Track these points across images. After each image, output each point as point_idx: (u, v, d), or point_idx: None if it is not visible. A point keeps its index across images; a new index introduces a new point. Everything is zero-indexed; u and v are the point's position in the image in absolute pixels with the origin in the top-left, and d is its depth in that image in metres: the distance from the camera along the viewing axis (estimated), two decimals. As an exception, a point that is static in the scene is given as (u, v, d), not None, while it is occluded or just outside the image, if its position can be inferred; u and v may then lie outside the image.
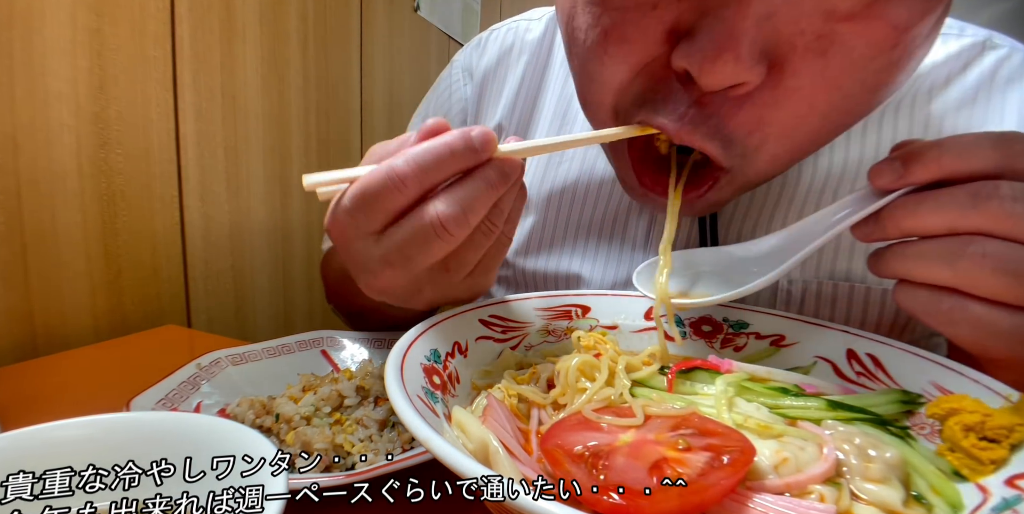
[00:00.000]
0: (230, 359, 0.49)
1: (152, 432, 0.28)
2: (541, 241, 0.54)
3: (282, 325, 1.06)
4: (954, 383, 0.31)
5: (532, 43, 0.59)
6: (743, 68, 0.28)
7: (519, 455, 0.27)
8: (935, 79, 0.45)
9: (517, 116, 0.58)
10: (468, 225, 0.32)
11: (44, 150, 0.65)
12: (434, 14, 1.48)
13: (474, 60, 0.62)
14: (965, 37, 0.47)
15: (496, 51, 0.61)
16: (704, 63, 0.29)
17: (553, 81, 0.57)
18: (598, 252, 0.52)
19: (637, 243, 0.51)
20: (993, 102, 0.44)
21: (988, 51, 0.45)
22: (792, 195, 0.46)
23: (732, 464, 0.24)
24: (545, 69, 0.58)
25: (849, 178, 0.45)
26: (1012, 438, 0.26)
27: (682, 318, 0.43)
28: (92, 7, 0.68)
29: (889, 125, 0.45)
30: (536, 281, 0.55)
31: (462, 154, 0.31)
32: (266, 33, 0.95)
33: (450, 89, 0.64)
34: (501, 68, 0.60)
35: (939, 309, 0.29)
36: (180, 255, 0.83)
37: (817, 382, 0.34)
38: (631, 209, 0.51)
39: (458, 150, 0.31)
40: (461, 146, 0.31)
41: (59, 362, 0.61)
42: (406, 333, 0.33)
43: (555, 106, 0.56)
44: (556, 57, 0.58)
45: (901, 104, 0.46)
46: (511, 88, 0.59)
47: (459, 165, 0.31)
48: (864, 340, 0.37)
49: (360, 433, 0.41)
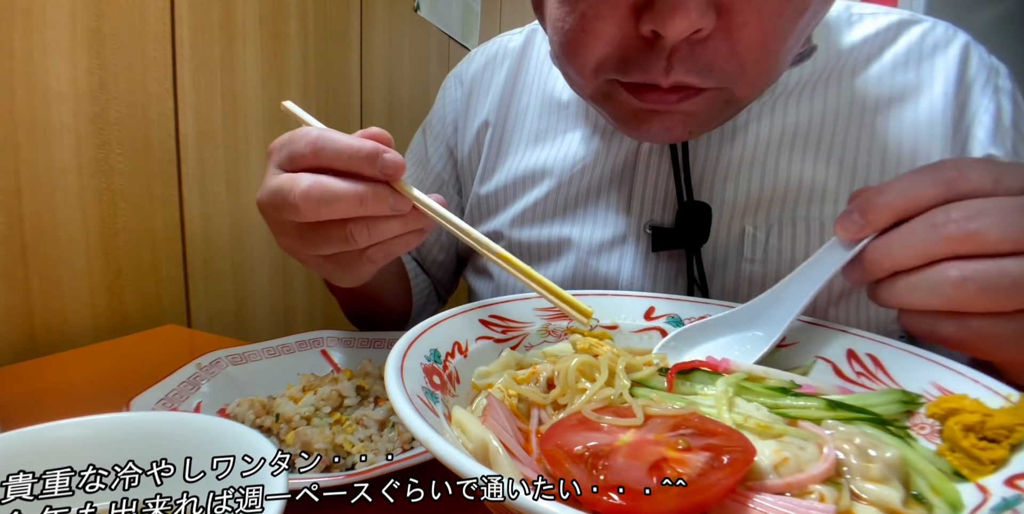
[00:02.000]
0: (230, 359, 0.49)
1: (152, 432, 0.28)
2: (534, 216, 0.60)
3: (282, 325, 1.06)
4: (954, 383, 0.31)
5: (514, 50, 0.67)
6: (696, 17, 0.35)
7: (519, 455, 0.27)
8: (871, 49, 0.53)
9: (503, 113, 0.65)
10: (318, 212, 0.37)
11: (44, 150, 0.65)
12: (434, 14, 1.48)
13: (464, 70, 0.71)
14: (892, 14, 0.55)
15: (483, 59, 0.69)
16: (666, 20, 0.35)
17: (531, 81, 0.65)
18: (585, 218, 0.58)
19: (620, 208, 0.57)
20: (923, 67, 0.52)
21: (914, 25, 0.54)
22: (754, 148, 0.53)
23: (732, 464, 0.24)
24: (525, 72, 0.66)
25: (802, 132, 0.52)
26: (1012, 438, 0.26)
27: (682, 318, 0.43)
28: (92, 7, 0.68)
29: (833, 89, 0.53)
30: (530, 249, 0.60)
31: (360, 158, 0.37)
32: (266, 33, 0.95)
33: (444, 97, 0.72)
34: (487, 71, 0.68)
35: (944, 332, 0.31)
36: (180, 255, 0.83)
37: (815, 382, 0.34)
38: (611, 179, 0.57)
39: (359, 153, 0.37)
40: (364, 152, 0.37)
41: (59, 362, 0.61)
42: (406, 333, 0.33)
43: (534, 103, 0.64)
44: (534, 62, 0.66)
45: (843, 71, 0.53)
46: (496, 89, 0.66)
47: (352, 164, 0.37)
48: (864, 340, 0.37)
49: (360, 433, 0.41)
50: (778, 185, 0.51)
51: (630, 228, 0.55)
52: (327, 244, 0.39)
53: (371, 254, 0.40)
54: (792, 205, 0.51)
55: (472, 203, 0.66)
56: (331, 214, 0.37)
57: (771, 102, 0.53)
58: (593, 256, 0.56)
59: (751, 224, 0.52)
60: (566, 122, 0.61)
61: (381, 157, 0.37)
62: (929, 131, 0.51)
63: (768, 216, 0.52)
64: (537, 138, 0.62)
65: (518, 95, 0.65)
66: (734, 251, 0.52)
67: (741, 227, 0.52)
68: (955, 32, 0.54)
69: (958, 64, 0.52)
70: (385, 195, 0.37)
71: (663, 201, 0.54)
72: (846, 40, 0.54)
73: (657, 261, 0.55)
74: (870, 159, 0.51)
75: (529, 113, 0.64)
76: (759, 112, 0.53)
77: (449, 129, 0.70)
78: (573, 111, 0.61)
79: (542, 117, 0.63)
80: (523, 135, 0.63)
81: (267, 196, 0.39)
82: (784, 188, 0.51)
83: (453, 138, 0.70)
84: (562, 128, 0.61)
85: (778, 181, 0.52)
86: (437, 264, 0.73)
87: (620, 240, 0.56)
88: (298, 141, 0.38)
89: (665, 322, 0.43)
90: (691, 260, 0.52)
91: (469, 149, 0.68)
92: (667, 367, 0.35)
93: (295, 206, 0.36)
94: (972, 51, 0.53)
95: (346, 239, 0.38)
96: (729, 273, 0.52)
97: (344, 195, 0.36)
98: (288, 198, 0.37)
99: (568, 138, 0.60)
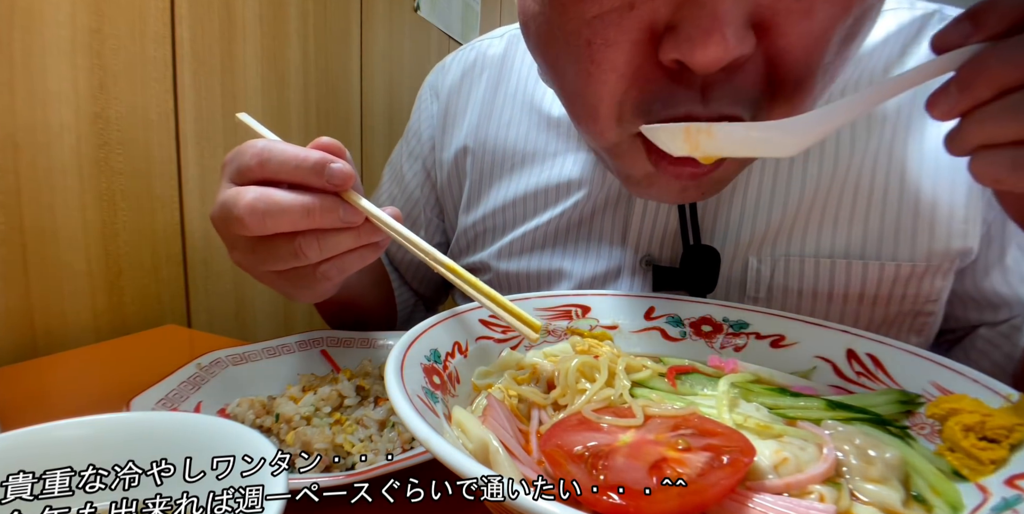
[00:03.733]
0: (230, 359, 0.49)
1: (152, 432, 0.28)
2: (522, 247, 0.56)
3: (282, 325, 1.06)
4: (954, 383, 0.31)
5: (494, 58, 0.61)
6: (733, 44, 0.28)
7: (519, 455, 0.27)
8: (891, 52, 0.47)
9: (482, 136, 0.59)
10: (264, 225, 0.35)
11: (44, 150, 0.65)
12: (434, 14, 1.48)
13: (439, 80, 0.65)
14: (917, 8, 0.49)
15: (459, 70, 0.63)
16: (695, 49, 0.28)
17: (515, 92, 0.59)
18: (577, 249, 0.54)
19: (615, 239, 0.52)
20: None
21: (939, 19, 0.47)
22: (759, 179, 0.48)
23: (732, 464, 0.24)
24: (507, 84, 0.59)
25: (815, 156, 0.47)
26: (1012, 438, 0.26)
27: (682, 318, 0.43)
28: (92, 7, 0.68)
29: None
30: (519, 281, 0.56)
31: (305, 169, 0.35)
32: (266, 33, 0.95)
33: (419, 111, 0.67)
34: (464, 84, 0.62)
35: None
36: (180, 255, 0.83)
37: (817, 386, 0.34)
38: (605, 208, 0.53)
39: (304, 164, 0.35)
40: (309, 162, 0.35)
41: (59, 362, 0.61)
42: (406, 333, 0.33)
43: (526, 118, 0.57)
44: (517, 73, 0.59)
45: (860, 83, 0.47)
46: (474, 106, 0.60)
47: (298, 175, 0.36)
48: (864, 340, 0.37)
49: (360, 433, 0.41)
50: (787, 215, 0.47)
51: (625, 261, 0.52)
52: (276, 259, 0.37)
53: (325, 270, 0.38)
54: (801, 236, 0.48)
55: (459, 233, 0.62)
56: (277, 227, 0.35)
57: None
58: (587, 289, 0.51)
59: (755, 256, 0.48)
60: (556, 142, 0.55)
61: (328, 167, 0.35)
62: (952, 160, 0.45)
63: (774, 250, 0.48)
64: (524, 161, 0.56)
65: (498, 111, 0.59)
66: (736, 287, 0.49)
67: (745, 260, 0.48)
68: None
69: None
70: (334, 207, 0.36)
71: (662, 234, 0.50)
72: (865, 45, 0.47)
73: None
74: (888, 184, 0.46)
75: (511, 131, 0.58)
76: None
77: (426, 148, 0.65)
78: (565, 129, 0.55)
79: (529, 136, 0.57)
80: (509, 158, 0.57)
81: (216, 210, 0.37)
82: (793, 218, 0.47)
83: (430, 158, 0.65)
84: (551, 149, 0.55)
85: (787, 211, 0.47)
86: (419, 279, 0.70)
87: (614, 274, 0.52)
88: (244, 153, 0.37)
89: (665, 322, 0.43)
90: None
91: (448, 175, 0.63)
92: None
93: (240, 219, 0.35)
94: None
95: (296, 253, 0.36)
96: None
97: (289, 207, 0.35)
98: (233, 211, 0.35)
99: (559, 161, 0.55)
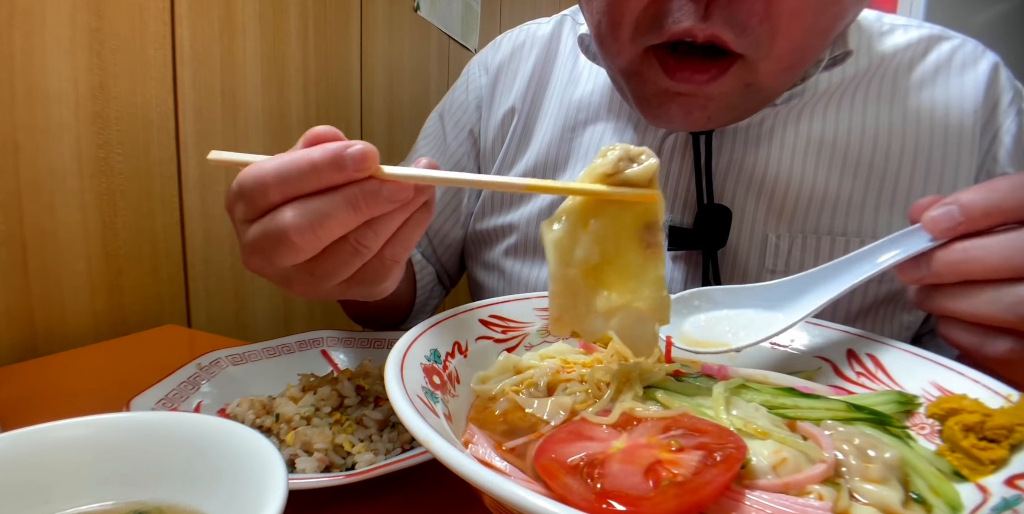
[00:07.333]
0: (230, 359, 0.49)
1: (152, 432, 0.28)
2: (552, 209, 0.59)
3: (282, 325, 1.06)
4: (954, 383, 0.31)
5: (542, 38, 0.67)
6: None
7: (510, 472, 0.27)
8: (900, 61, 0.54)
9: (529, 100, 0.65)
10: (317, 238, 0.32)
11: (44, 150, 0.65)
12: (434, 14, 1.48)
13: (490, 56, 0.71)
14: (924, 28, 0.56)
15: (510, 47, 0.69)
16: None
17: (559, 70, 0.65)
18: None
19: None
20: (952, 83, 0.53)
21: (944, 41, 0.55)
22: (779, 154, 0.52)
23: (726, 460, 0.24)
24: (554, 60, 0.66)
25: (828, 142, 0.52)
26: (1012, 438, 0.26)
27: (682, 318, 0.43)
28: (92, 7, 0.68)
29: (860, 101, 0.53)
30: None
31: (325, 170, 0.31)
32: (266, 33, 0.95)
33: (467, 84, 0.71)
34: (514, 60, 0.68)
35: (996, 349, 0.30)
36: (180, 255, 0.83)
37: (815, 385, 0.34)
38: None
39: (321, 166, 0.31)
40: (325, 162, 0.31)
41: (59, 362, 0.61)
42: (406, 333, 0.33)
43: (562, 93, 0.64)
44: (563, 51, 0.66)
45: (871, 82, 0.53)
46: (523, 76, 0.66)
47: (322, 180, 0.31)
48: (864, 340, 0.37)
49: (360, 433, 0.41)
50: (802, 194, 0.51)
51: None
52: (338, 268, 0.34)
53: (391, 254, 0.35)
54: (816, 216, 0.51)
55: (486, 194, 0.66)
56: (331, 235, 0.32)
57: (798, 108, 0.52)
58: None
59: (774, 232, 0.52)
60: (587, 114, 0.61)
61: (345, 155, 0.31)
62: (958, 148, 0.51)
63: (791, 226, 0.52)
64: (562, 129, 0.62)
65: (544, 84, 0.65)
66: (755, 259, 0.52)
67: (764, 234, 0.52)
68: (984, 51, 0.54)
69: (986, 83, 0.52)
70: (375, 190, 0.32)
71: (683, 201, 0.54)
72: (877, 50, 0.54)
73: (673, 264, 0.54)
74: (899, 174, 0.51)
75: (554, 104, 0.64)
76: (785, 118, 0.52)
77: (473, 116, 0.70)
78: (597, 103, 0.61)
79: (568, 109, 0.63)
80: (547, 125, 0.63)
81: (254, 251, 0.33)
82: (808, 198, 0.51)
83: (477, 125, 0.70)
84: (584, 120, 0.61)
85: (803, 190, 0.51)
86: (446, 245, 0.72)
87: None
88: (246, 187, 0.33)
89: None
90: (707, 264, 0.51)
91: (494, 136, 0.68)
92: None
93: (290, 244, 0.32)
94: (1000, 72, 0.53)
95: (356, 251, 0.33)
96: (748, 281, 0.49)
97: (333, 209, 0.31)
98: (278, 240, 0.32)
99: (591, 130, 0.60)
